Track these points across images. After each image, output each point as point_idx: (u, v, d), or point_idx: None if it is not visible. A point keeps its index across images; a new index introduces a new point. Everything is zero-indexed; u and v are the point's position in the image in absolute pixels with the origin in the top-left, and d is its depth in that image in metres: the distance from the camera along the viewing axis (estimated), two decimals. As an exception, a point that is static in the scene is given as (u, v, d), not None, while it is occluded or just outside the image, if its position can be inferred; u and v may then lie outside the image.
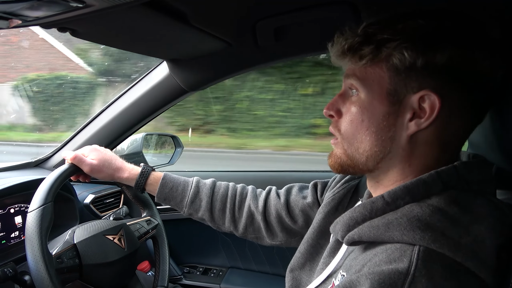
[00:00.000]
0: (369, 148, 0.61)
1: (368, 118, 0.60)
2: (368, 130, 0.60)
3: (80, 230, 0.96)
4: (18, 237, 1.11)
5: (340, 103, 0.65)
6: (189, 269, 1.73)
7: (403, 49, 0.55)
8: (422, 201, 0.55)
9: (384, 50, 0.56)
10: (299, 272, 0.86)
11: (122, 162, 1.05)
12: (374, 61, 0.58)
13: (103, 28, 0.84)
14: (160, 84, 1.26)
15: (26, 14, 0.63)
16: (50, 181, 0.91)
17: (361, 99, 0.61)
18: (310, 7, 0.91)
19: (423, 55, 0.55)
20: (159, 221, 1.18)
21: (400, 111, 0.58)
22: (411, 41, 0.55)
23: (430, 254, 0.50)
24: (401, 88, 0.57)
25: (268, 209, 0.99)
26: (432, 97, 0.55)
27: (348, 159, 0.65)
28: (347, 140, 0.64)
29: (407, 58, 0.55)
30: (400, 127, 0.59)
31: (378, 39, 0.57)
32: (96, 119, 1.40)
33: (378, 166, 0.62)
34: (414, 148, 0.59)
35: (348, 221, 0.60)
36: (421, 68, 0.55)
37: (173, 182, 1.03)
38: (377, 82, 0.59)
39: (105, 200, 1.48)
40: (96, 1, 0.59)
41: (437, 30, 0.56)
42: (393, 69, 0.57)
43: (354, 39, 0.59)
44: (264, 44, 1.06)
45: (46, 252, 0.83)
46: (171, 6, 0.78)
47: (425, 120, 0.57)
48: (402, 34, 0.56)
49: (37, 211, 0.86)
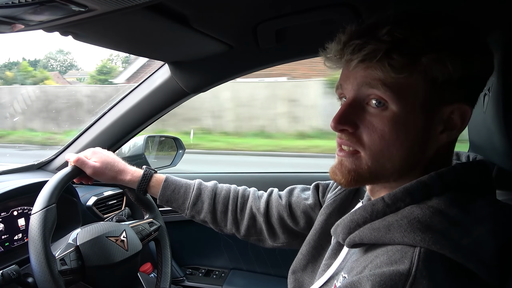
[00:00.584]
0: (398, 163, 0.58)
1: (404, 133, 0.56)
2: (402, 146, 0.56)
3: (83, 232, 0.97)
4: (21, 239, 1.12)
5: (353, 115, 0.58)
6: (191, 270, 1.73)
7: (446, 61, 0.52)
8: (423, 202, 0.55)
9: (425, 60, 0.53)
10: (301, 274, 0.86)
11: (124, 164, 1.05)
12: (410, 71, 0.53)
13: (105, 32, 0.85)
14: (162, 86, 1.27)
15: (29, 18, 0.64)
16: (53, 183, 0.92)
17: (394, 113, 0.55)
18: (311, 9, 0.91)
19: (463, 67, 0.53)
20: (161, 223, 1.18)
21: (433, 124, 0.56)
22: (451, 52, 0.53)
23: (431, 255, 0.50)
24: (434, 100, 0.55)
25: (270, 210, 1.00)
26: (464, 108, 0.55)
27: (369, 175, 0.60)
28: (373, 156, 0.58)
29: (450, 70, 0.53)
30: (431, 140, 0.57)
31: (412, 47, 0.53)
32: (98, 122, 1.41)
33: (398, 179, 0.60)
34: (437, 158, 0.59)
35: (349, 223, 0.60)
36: (458, 80, 0.54)
37: (175, 184, 1.04)
38: (412, 95, 0.54)
39: (108, 202, 1.48)
40: (98, 6, 0.59)
41: (470, 40, 0.55)
42: (430, 80, 0.54)
43: (380, 45, 0.53)
44: (265, 46, 1.07)
45: (50, 254, 0.84)
46: (173, 9, 0.78)
47: (457, 132, 0.57)
48: (439, 43, 0.53)
49: (40, 213, 0.86)
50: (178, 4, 0.77)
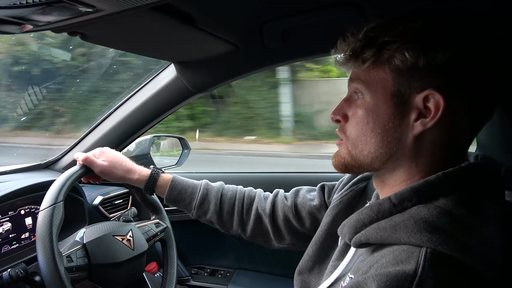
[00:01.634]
0: (374, 150, 0.61)
1: (373, 120, 0.61)
2: (373, 132, 0.61)
3: (89, 230, 0.98)
4: (29, 238, 1.13)
5: (346, 108, 0.66)
6: (196, 270, 1.73)
7: (404, 50, 0.56)
8: (430, 202, 0.55)
9: (386, 52, 0.57)
10: (308, 275, 0.86)
11: (132, 164, 1.06)
12: (376, 63, 0.59)
13: (113, 32, 0.86)
14: (168, 86, 1.27)
15: (38, 19, 0.64)
16: (61, 181, 0.93)
17: (366, 102, 0.61)
18: (316, 9, 0.92)
19: (425, 54, 0.55)
20: (168, 224, 1.19)
21: (405, 112, 0.58)
22: (411, 41, 0.56)
23: (438, 256, 0.49)
24: (405, 89, 0.58)
25: (275, 211, 1.00)
26: (436, 96, 0.56)
27: (352, 160, 0.65)
28: (352, 142, 0.64)
29: (409, 59, 0.56)
30: (406, 128, 0.59)
31: (379, 42, 0.58)
32: (105, 121, 1.42)
33: (384, 167, 0.63)
34: (421, 148, 0.59)
35: (355, 223, 0.60)
36: (423, 68, 0.56)
37: (182, 184, 1.04)
38: (380, 84, 0.59)
39: (114, 202, 1.49)
40: (106, 6, 0.60)
41: (438, 30, 0.56)
42: (396, 70, 0.58)
43: (356, 44, 0.60)
44: (271, 46, 1.07)
45: (57, 250, 0.85)
46: (179, 9, 0.79)
47: (430, 120, 0.57)
48: (403, 35, 0.56)
49: (48, 210, 0.87)
50: (184, 4, 0.77)
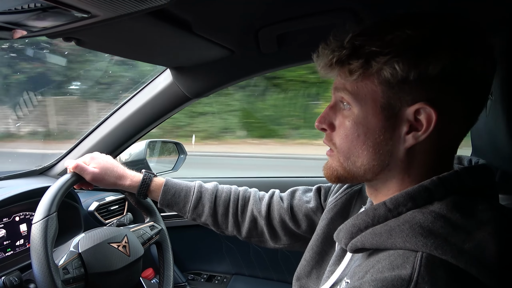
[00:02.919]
0: (366, 162, 0.60)
1: (364, 133, 0.59)
2: (364, 145, 0.59)
3: (84, 238, 0.97)
4: (23, 245, 1.12)
5: (332, 116, 0.64)
6: (193, 276, 1.72)
7: (394, 63, 0.54)
8: (424, 207, 0.55)
9: (374, 64, 0.55)
10: (306, 280, 0.86)
11: (123, 169, 1.05)
12: (365, 75, 0.57)
13: (108, 38, 0.85)
14: (164, 91, 1.27)
15: (32, 24, 0.64)
16: (53, 192, 0.91)
17: (355, 114, 0.59)
18: (312, 14, 0.92)
19: (415, 67, 0.53)
20: (162, 226, 1.18)
21: (396, 125, 0.57)
22: (401, 53, 0.54)
23: (433, 260, 0.50)
24: (395, 101, 0.56)
25: (271, 213, 0.99)
26: (428, 110, 0.54)
27: (345, 172, 0.64)
28: (343, 154, 0.63)
29: (399, 72, 0.54)
30: (397, 141, 0.58)
31: (366, 52, 0.55)
32: (100, 127, 1.41)
33: (377, 177, 0.62)
34: (413, 159, 0.59)
35: (351, 228, 0.60)
36: (414, 80, 0.54)
37: (175, 188, 1.03)
38: (370, 97, 0.58)
39: (110, 208, 1.48)
40: (101, 12, 0.59)
41: (428, 40, 0.54)
42: (385, 83, 0.56)
43: (341, 52, 0.57)
44: (267, 51, 1.07)
45: (52, 264, 0.84)
46: (175, 15, 0.79)
47: (423, 133, 0.56)
48: (391, 46, 0.54)
49: (41, 222, 0.86)
50: (180, 10, 0.78)
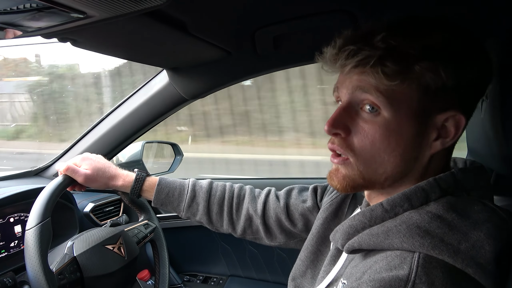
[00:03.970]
0: (390, 170, 0.58)
1: (395, 140, 0.56)
2: (394, 152, 0.56)
3: (79, 241, 0.95)
4: (18, 246, 1.11)
5: (347, 119, 0.59)
6: (189, 277, 1.72)
7: (439, 69, 0.52)
8: (421, 208, 0.55)
9: (417, 68, 0.52)
10: (301, 280, 0.86)
11: (116, 169, 1.03)
12: (403, 79, 0.53)
13: (104, 38, 0.85)
14: (160, 92, 1.27)
15: (27, 25, 0.63)
16: (45, 197, 0.89)
17: (386, 119, 0.55)
18: (308, 16, 0.92)
19: (457, 76, 0.53)
20: (156, 224, 1.17)
21: (426, 132, 0.56)
22: (446, 60, 0.52)
23: (430, 260, 0.50)
24: (428, 107, 0.55)
25: (267, 212, 0.99)
26: (458, 117, 0.55)
27: (363, 181, 0.60)
28: (364, 162, 0.58)
29: (443, 78, 0.52)
30: (425, 147, 0.57)
31: (405, 54, 0.52)
32: (96, 128, 1.40)
33: (394, 185, 0.60)
34: (431, 164, 0.59)
35: (348, 229, 0.60)
36: (451, 87, 0.53)
37: (169, 187, 1.02)
38: (405, 102, 0.55)
39: (105, 209, 1.47)
40: (97, 12, 0.59)
41: (465, 47, 0.54)
42: (423, 88, 0.54)
43: (374, 52, 0.53)
44: (263, 52, 1.07)
45: (48, 271, 0.82)
46: (171, 16, 0.79)
47: (451, 139, 0.56)
48: (433, 50, 0.52)
49: (35, 229, 0.84)
50: (176, 10, 0.77)
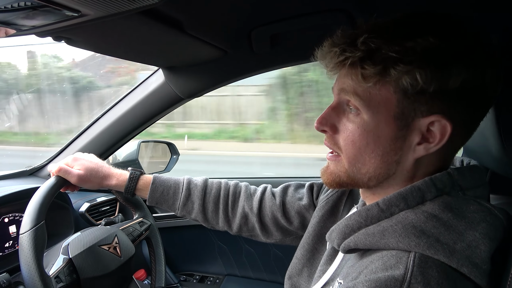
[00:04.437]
0: (372, 170, 0.59)
1: (373, 141, 0.57)
2: (373, 153, 0.57)
3: (74, 242, 0.94)
4: (12, 247, 1.10)
5: (334, 118, 0.61)
6: (185, 277, 1.71)
7: (416, 73, 0.51)
8: (417, 207, 0.55)
9: (393, 72, 0.52)
10: (298, 279, 0.86)
11: (109, 168, 1.02)
12: (380, 82, 0.54)
13: (99, 37, 0.85)
14: (156, 91, 1.26)
15: (22, 23, 0.63)
16: (39, 200, 0.88)
17: (365, 121, 0.57)
18: (305, 15, 0.92)
19: (437, 80, 0.51)
20: (151, 222, 1.16)
21: (407, 135, 0.56)
22: (424, 64, 0.51)
23: (426, 260, 0.50)
24: (409, 111, 0.54)
25: (263, 210, 0.98)
26: (443, 122, 0.54)
27: (348, 179, 0.62)
28: (349, 160, 0.60)
29: (420, 82, 0.51)
30: (407, 151, 0.57)
31: (384, 57, 0.52)
32: (91, 127, 1.40)
33: (379, 185, 0.61)
34: (418, 169, 0.59)
35: (344, 229, 0.60)
36: (433, 92, 0.52)
37: (163, 185, 1.01)
38: (383, 105, 0.55)
39: (101, 208, 1.47)
40: (91, 11, 0.59)
41: (451, 51, 0.52)
42: (402, 92, 0.53)
43: (354, 53, 0.53)
44: (260, 51, 1.07)
45: (44, 275, 0.81)
46: (167, 14, 0.78)
47: (435, 145, 0.55)
48: (413, 54, 0.51)
49: (29, 233, 0.83)
50: (172, 9, 0.77)
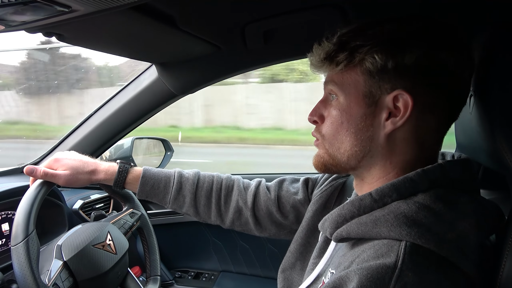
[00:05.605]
0: (349, 148, 0.64)
1: (347, 120, 0.64)
2: (347, 131, 0.64)
3: (66, 244, 0.91)
4: (5, 245, 1.09)
5: (322, 109, 0.69)
6: (180, 273, 1.72)
7: (374, 53, 0.59)
8: (409, 198, 0.57)
9: (357, 55, 0.60)
10: (290, 272, 0.87)
11: (94, 162, 1.00)
12: (349, 66, 0.62)
13: (90, 33, 0.84)
14: (149, 88, 1.25)
15: (11, 19, 0.62)
16: (26, 210, 0.85)
17: (340, 103, 0.64)
18: (298, 10, 0.92)
19: (393, 57, 0.58)
20: (142, 212, 1.14)
21: (376, 112, 0.62)
22: (381, 45, 0.59)
23: (417, 249, 0.52)
24: (375, 90, 0.61)
25: (257, 204, 0.97)
26: (405, 96, 0.59)
27: (330, 158, 0.68)
28: (328, 141, 0.67)
29: (378, 61, 0.59)
30: (378, 127, 0.62)
31: (351, 46, 0.61)
32: (84, 125, 1.38)
33: (360, 165, 0.65)
34: (393, 146, 0.62)
35: (337, 218, 0.62)
36: (392, 69, 0.59)
37: (154, 179, 0.99)
38: (353, 86, 0.63)
39: (95, 206, 1.46)
40: (81, 6, 0.58)
41: (404, 33, 0.60)
42: (367, 72, 0.61)
43: (330, 48, 0.63)
44: (253, 47, 1.06)
45: (42, 286, 0.80)
46: (159, 10, 0.78)
47: (400, 119, 0.60)
48: (373, 39, 0.60)
49: (22, 245, 0.81)
50: (164, 4, 0.76)
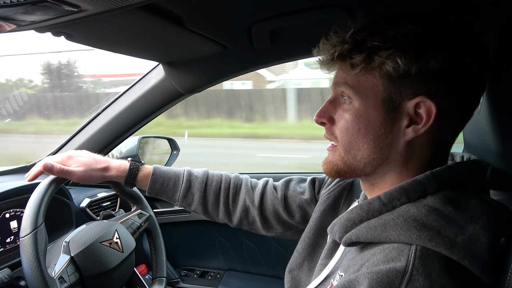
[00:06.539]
0: (367, 156, 0.61)
1: (364, 126, 0.60)
2: (365, 138, 0.60)
3: (74, 240, 0.93)
4: (13, 242, 1.10)
5: (332, 110, 0.65)
6: (186, 272, 1.72)
7: (396, 57, 0.55)
8: (418, 201, 0.56)
9: (377, 58, 0.56)
10: (298, 272, 0.86)
11: (106, 160, 1.01)
12: (367, 69, 0.58)
13: (98, 32, 0.84)
14: (156, 87, 1.26)
15: (21, 18, 0.63)
16: (37, 201, 0.87)
17: (356, 108, 0.61)
18: (305, 10, 0.91)
19: (417, 62, 0.55)
20: (150, 213, 1.16)
21: (396, 118, 0.58)
22: (403, 48, 0.55)
23: (427, 253, 0.51)
24: (396, 95, 0.57)
25: (264, 203, 0.98)
26: (428, 103, 0.56)
27: (345, 166, 0.65)
28: (344, 148, 0.63)
29: (401, 66, 0.55)
30: (397, 134, 0.59)
31: (368, 46, 0.57)
32: (91, 123, 1.39)
33: (376, 171, 0.63)
34: (411, 153, 0.60)
35: (346, 222, 0.61)
36: (415, 74, 0.55)
37: (163, 177, 1.01)
38: (371, 91, 0.59)
39: (102, 204, 1.47)
40: (91, 6, 0.58)
41: (429, 36, 0.56)
42: (387, 76, 0.57)
43: (343, 46, 0.58)
44: (260, 46, 1.06)
45: (48, 278, 0.81)
46: (166, 9, 0.78)
47: (423, 126, 0.57)
48: (394, 41, 0.56)
49: (30, 237, 0.83)
50: (172, 4, 0.77)
